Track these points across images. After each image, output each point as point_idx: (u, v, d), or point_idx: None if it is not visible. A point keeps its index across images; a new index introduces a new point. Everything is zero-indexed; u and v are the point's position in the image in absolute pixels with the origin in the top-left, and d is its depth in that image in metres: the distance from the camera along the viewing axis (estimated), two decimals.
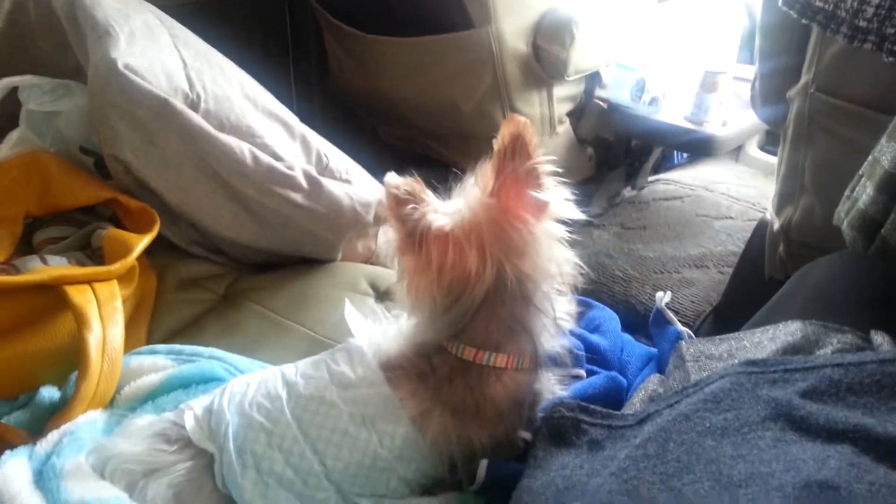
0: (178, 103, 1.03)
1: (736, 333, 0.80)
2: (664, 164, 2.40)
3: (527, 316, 0.76)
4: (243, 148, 1.08)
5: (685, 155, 2.45)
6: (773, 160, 2.33)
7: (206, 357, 0.95)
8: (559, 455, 0.70)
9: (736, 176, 2.34)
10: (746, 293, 1.58)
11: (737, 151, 2.44)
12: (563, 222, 0.76)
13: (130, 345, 0.99)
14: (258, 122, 1.14)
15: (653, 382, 0.81)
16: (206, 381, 0.91)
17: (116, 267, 0.96)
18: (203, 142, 1.05)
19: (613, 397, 0.82)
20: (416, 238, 0.72)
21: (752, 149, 2.41)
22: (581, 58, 1.65)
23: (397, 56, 1.75)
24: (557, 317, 0.78)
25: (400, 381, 0.78)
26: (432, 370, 0.77)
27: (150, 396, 0.89)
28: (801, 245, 1.28)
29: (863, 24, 0.95)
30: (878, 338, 0.72)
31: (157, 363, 0.93)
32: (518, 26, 1.61)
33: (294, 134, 1.21)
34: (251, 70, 1.28)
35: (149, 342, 1.08)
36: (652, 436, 0.62)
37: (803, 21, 1.03)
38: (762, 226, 1.50)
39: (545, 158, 0.73)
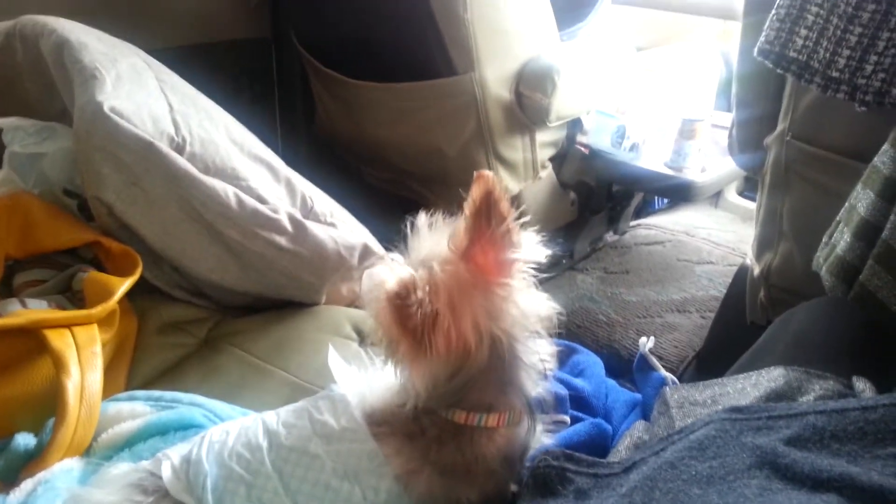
0: (164, 146, 1.04)
1: (719, 379, 0.80)
2: (645, 210, 2.43)
3: (517, 373, 0.75)
4: (228, 191, 1.08)
5: (665, 200, 2.49)
6: (752, 206, 2.37)
7: (186, 403, 0.93)
8: None
9: (716, 221, 2.38)
10: (728, 338, 1.58)
11: (716, 197, 2.48)
12: (534, 266, 0.75)
13: (109, 390, 0.97)
14: (243, 165, 1.14)
15: (638, 429, 0.81)
16: (184, 427, 0.89)
17: (97, 311, 0.95)
18: (187, 184, 1.05)
19: (598, 444, 0.81)
20: (419, 334, 0.68)
21: (731, 195, 2.45)
22: (563, 105, 1.68)
23: (382, 101, 1.77)
24: (541, 360, 0.78)
25: (386, 438, 0.76)
26: (421, 431, 0.76)
27: (128, 444, 0.87)
28: (782, 290, 1.29)
29: (835, 74, 0.98)
30: (860, 384, 0.73)
31: (136, 409, 0.92)
32: (501, 73, 1.64)
33: (279, 177, 1.21)
34: (237, 114, 1.29)
35: (128, 387, 1.06)
36: (638, 484, 0.62)
37: (778, 71, 1.06)
38: (743, 271, 1.51)
39: (516, 214, 0.71)
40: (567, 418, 0.90)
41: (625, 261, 2.11)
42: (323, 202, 1.28)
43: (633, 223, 2.31)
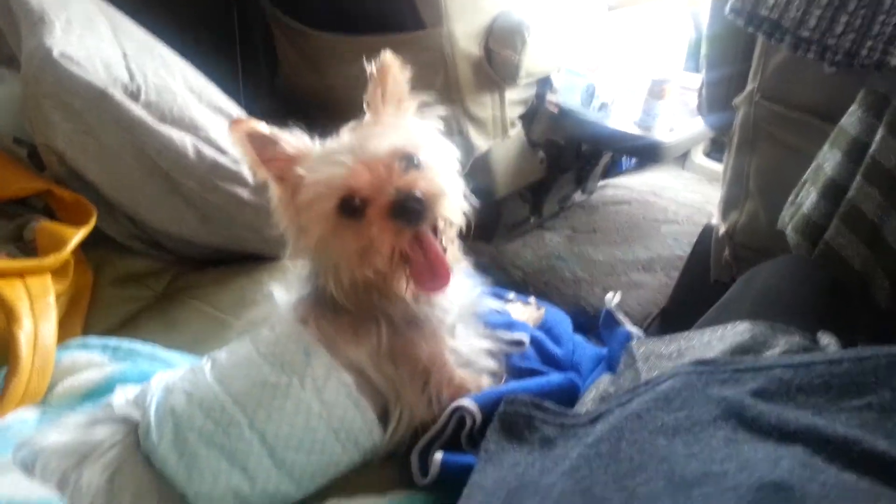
0: (117, 94, 0.99)
1: (685, 333, 0.81)
2: (613, 170, 2.43)
3: None
4: (185, 140, 1.04)
5: (633, 161, 2.49)
6: (718, 167, 2.40)
7: (146, 356, 0.90)
8: (511, 451, 0.69)
9: (682, 182, 2.39)
10: (693, 296, 1.60)
11: (683, 158, 2.49)
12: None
13: (64, 341, 0.94)
14: (202, 115, 1.10)
15: (604, 382, 0.81)
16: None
17: (50, 260, 0.91)
18: (142, 133, 1.01)
19: (568, 397, 0.81)
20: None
21: (698, 156, 2.46)
22: (532, 62, 1.65)
23: (346, 54, 1.72)
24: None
25: (308, 313, 0.81)
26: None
27: (89, 396, 0.84)
28: (746, 248, 1.30)
29: (805, 34, 0.97)
30: (825, 339, 0.73)
31: (93, 359, 0.89)
32: (470, 29, 1.60)
33: None
34: (198, 65, 1.24)
35: None
36: (604, 435, 0.62)
37: (749, 30, 1.04)
38: (708, 230, 1.52)
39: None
40: (526, 336, 0.90)
41: (592, 220, 2.11)
42: None
43: (601, 183, 2.32)
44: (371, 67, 0.83)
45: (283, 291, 0.87)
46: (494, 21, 1.62)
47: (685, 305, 1.62)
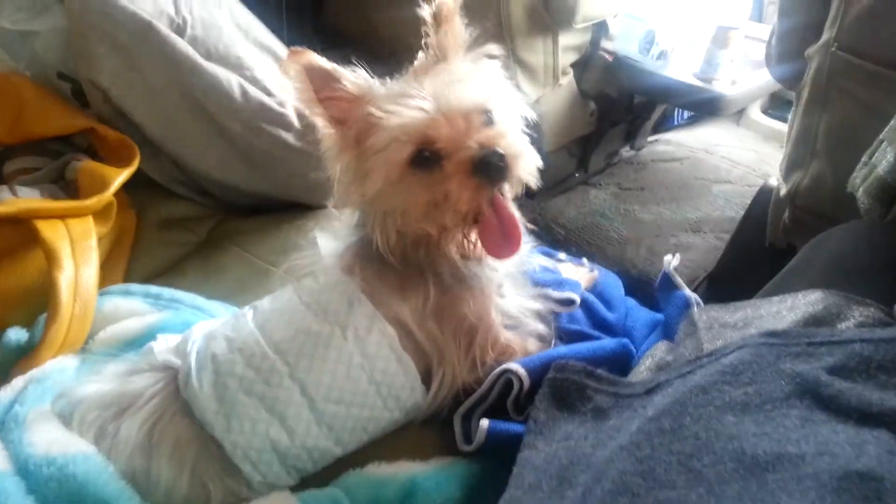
0: (163, 27, 0.96)
1: (752, 301, 0.76)
2: (664, 124, 2.34)
3: None
4: (231, 80, 1.01)
5: (685, 115, 2.39)
6: (776, 124, 2.30)
7: (188, 306, 0.89)
8: (562, 422, 0.67)
9: (737, 139, 2.29)
10: (744, 260, 1.55)
11: (739, 114, 2.38)
12: None
13: (106, 286, 0.93)
14: (248, 53, 1.06)
15: (660, 350, 0.77)
16: None
17: (92, 202, 0.90)
18: (188, 71, 0.97)
19: (621, 364, 0.78)
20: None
21: (755, 112, 2.35)
22: (590, 4, 1.56)
23: None
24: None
25: (354, 264, 0.79)
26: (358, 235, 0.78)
27: (130, 344, 0.83)
28: (808, 212, 1.24)
29: None
30: None
31: (135, 308, 0.88)
32: None
33: None
34: (243, 2, 1.19)
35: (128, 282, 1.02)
36: (666, 408, 0.58)
37: None
38: (764, 191, 1.46)
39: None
40: (576, 296, 0.87)
41: (640, 177, 2.04)
42: None
43: (651, 138, 2.23)
44: (428, 9, 0.76)
45: (328, 239, 0.84)
46: None
47: (735, 270, 1.57)
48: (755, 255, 1.47)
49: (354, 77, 0.74)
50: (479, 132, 0.70)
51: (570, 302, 0.86)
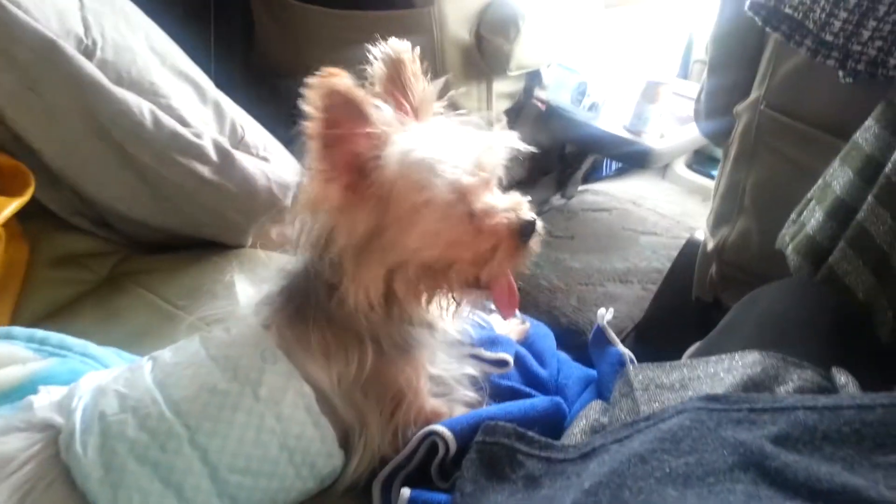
0: (69, 47, 0.88)
1: (688, 361, 0.73)
2: (593, 175, 2.37)
3: None
4: (143, 107, 0.93)
5: (613, 167, 2.43)
6: (700, 179, 2.36)
7: (78, 354, 0.79)
8: (490, 492, 0.61)
9: (662, 192, 2.33)
10: (671, 313, 1.55)
11: (664, 168, 2.44)
12: None
13: None
14: (164, 80, 0.99)
15: (594, 410, 0.73)
16: None
17: None
18: (94, 95, 0.89)
19: (554, 424, 0.73)
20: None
21: (680, 167, 2.40)
22: (524, 53, 1.57)
23: (327, 29, 1.62)
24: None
25: (273, 311, 0.71)
26: (306, 282, 0.71)
27: (6, 396, 0.73)
28: (735, 267, 1.25)
29: (829, 37, 0.91)
30: (842, 377, 0.66)
31: (16, 354, 0.77)
32: (462, 12, 1.52)
33: (206, 98, 1.07)
34: (167, 30, 1.12)
35: (13, 324, 0.91)
36: (603, 480, 0.53)
37: (767, 29, 0.98)
38: (691, 245, 1.46)
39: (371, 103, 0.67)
40: (510, 357, 0.83)
41: (570, 226, 2.04)
42: (255, 133, 1.14)
43: (580, 188, 2.25)
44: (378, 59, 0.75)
45: (246, 284, 0.77)
46: (488, 6, 1.53)
47: (662, 322, 1.57)
48: (681, 307, 1.47)
49: (383, 115, 0.67)
50: (504, 197, 0.73)
51: (504, 363, 0.82)
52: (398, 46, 0.74)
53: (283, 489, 0.66)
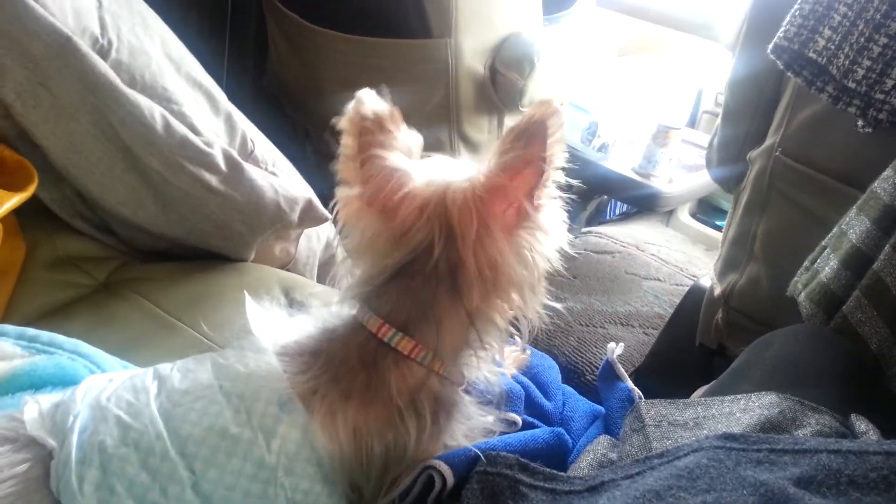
0: (84, 45, 0.87)
1: (701, 399, 0.71)
2: (596, 219, 2.36)
3: (447, 312, 0.65)
4: (154, 111, 0.92)
5: (617, 211, 2.43)
6: (703, 228, 2.35)
7: (68, 351, 0.76)
8: None
9: (666, 239, 2.32)
10: (672, 358, 1.53)
11: (668, 215, 2.44)
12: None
13: None
14: (177, 87, 0.98)
15: (602, 445, 0.70)
16: (65, 383, 0.72)
17: None
18: (106, 95, 0.88)
19: (557, 457, 0.70)
20: (362, 163, 0.65)
21: (684, 215, 2.40)
22: (538, 89, 1.57)
23: (343, 55, 1.62)
24: (488, 342, 0.68)
25: (293, 360, 0.65)
26: (329, 341, 0.66)
27: None
28: (742, 314, 1.23)
29: (851, 84, 0.90)
30: (862, 425, 0.64)
31: (4, 349, 0.75)
32: (478, 45, 1.52)
33: (219, 109, 1.05)
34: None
35: (2, 324, 0.88)
36: None
37: (788, 74, 0.98)
38: (695, 291, 1.45)
39: (557, 160, 0.63)
40: (518, 418, 0.78)
41: (573, 266, 2.02)
42: (265, 148, 1.13)
43: (584, 229, 2.24)
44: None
45: (260, 308, 0.72)
46: (504, 41, 1.54)
47: (662, 367, 1.54)
48: (683, 353, 1.45)
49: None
50: None
51: (511, 423, 0.78)
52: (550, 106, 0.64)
53: None
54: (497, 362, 0.74)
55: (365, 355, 0.64)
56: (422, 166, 0.65)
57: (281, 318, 0.72)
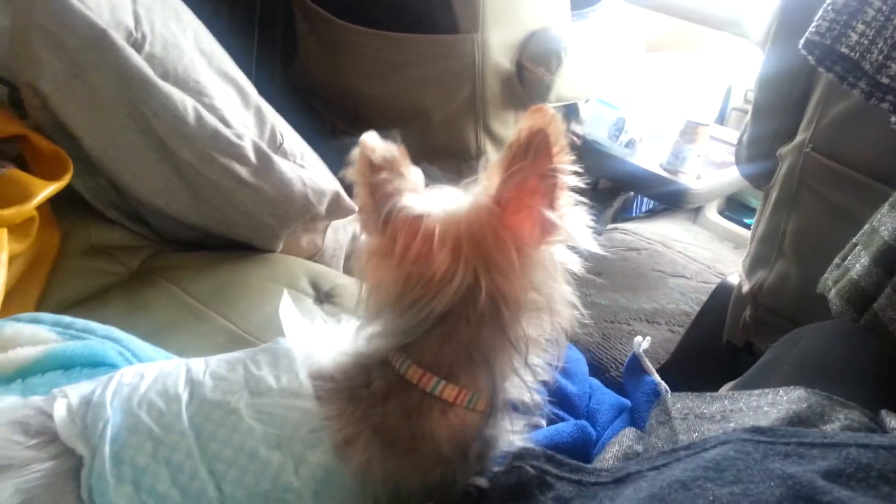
0: (118, 38, 0.88)
1: (728, 393, 0.70)
2: (622, 215, 2.35)
3: (494, 348, 0.62)
4: (187, 104, 0.93)
5: (643, 208, 2.41)
6: (730, 226, 2.33)
7: (100, 335, 0.78)
8: None
9: (693, 237, 2.30)
10: (698, 355, 1.52)
11: (695, 213, 2.41)
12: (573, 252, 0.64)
13: (14, 310, 0.83)
14: (209, 80, 0.99)
15: (627, 437, 0.69)
16: (93, 364, 0.74)
17: (9, 213, 0.80)
18: (140, 87, 0.90)
19: (582, 449, 0.70)
20: (380, 214, 0.60)
21: (712, 212, 2.38)
22: (565, 85, 1.56)
23: (370, 50, 1.63)
24: (532, 363, 0.65)
25: (328, 397, 0.63)
26: (367, 384, 0.63)
27: (21, 373, 0.71)
28: (770, 311, 1.22)
29: (885, 80, 0.89)
30: (893, 421, 0.63)
31: (39, 335, 0.76)
32: (505, 40, 1.52)
33: (249, 102, 1.07)
34: None
35: (38, 311, 0.90)
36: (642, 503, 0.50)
37: (820, 69, 0.96)
38: (723, 288, 1.44)
39: (568, 167, 0.59)
40: (543, 422, 0.78)
41: (598, 263, 2.00)
42: (294, 141, 1.14)
43: (609, 226, 2.23)
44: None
45: (291, 308, 0.72)
46: (532, 37, 1.54)
47: (687, 364, 1.53)
48: (709, 351, 1.44)
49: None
50: None
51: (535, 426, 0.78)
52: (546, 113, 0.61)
53: None
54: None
55: (408, 407, 0.62)
56: (436, 203, 0.61)
57: (314, 327, 0.71)
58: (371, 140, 0.62)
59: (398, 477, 0.62)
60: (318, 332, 0.70)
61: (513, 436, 0.68)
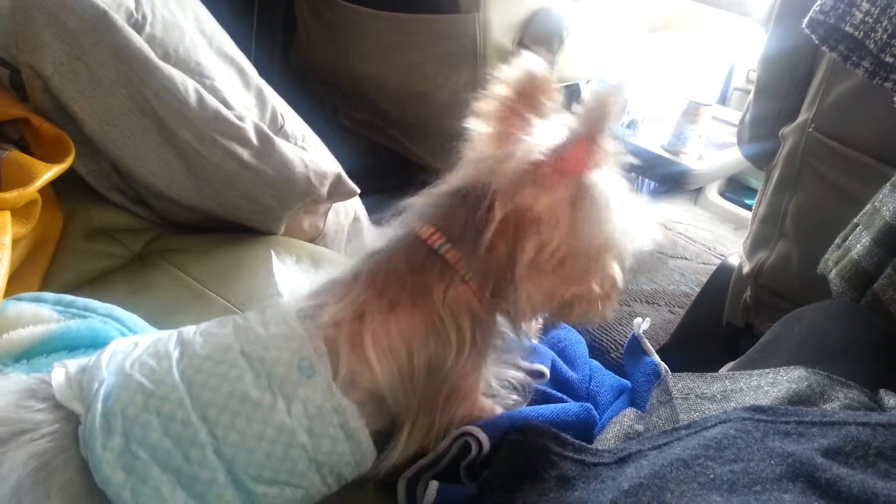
0: (119, 19, 0.88)
1: (729, 373, 0.71)
2: None
3: (499, 251, 0.66)
4: (188, 85, 0.93)
5: (643, 190, 2.41)
6: (731, 207, 2.33)
7: (102, 314, 0.78)
8: (521, 486, 0.59)
9: (693, 217, 2.31)
10: (698, 336, 1.52)
11: (696, 194, 2.41)
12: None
13: (18, 293, 0.83)
14: (210, 62, 0.99)
15: (628, 418, 0.70)
16: (97, 345, 0.73)
17: (12, 196, 0.80)
18: (141, 69, 0.89)
19: (584, 431, 0.70)
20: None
21: (713, 194, 2.38)
22: (566, 65, 1.56)
23: (372, 30, 1.62)
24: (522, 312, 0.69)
25: (329, 293, 0.66)
26: (372, 258, 0.67)
27: (26, 354, 0.72)
28: (771, 292, 1.22)
29: (889, 59, 0.89)
30: (891, 400, 0.64)
31: (41, 314, 0.76)
32: (507, 20, 1.51)
33: (249, 84, 1.06)
34: None
35: (42, 291, 0.91)
36: (644, 482, 0.51)
37: (823, 48, 0.96)
38: (723, 269, 1.44)
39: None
40: (546, 369, 0.80)
41: None
42: (295, 123, 1.13)
43: None
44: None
45: (289, 268, 0.73)
46: (533, 16, 1.53)
47: (687, 345, 1.54)
48: (709, 332, 1.44)
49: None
50: None
51: (541, 374, 0.79)
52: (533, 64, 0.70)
53: (308, 496, 0.63)
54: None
55: (413, 261, 0.65)
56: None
57: (307, 272, 0.72)
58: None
59: (407, 341, 0.64)
60: (310, 277, 0.71)
61: (510, 362, 0.74)
